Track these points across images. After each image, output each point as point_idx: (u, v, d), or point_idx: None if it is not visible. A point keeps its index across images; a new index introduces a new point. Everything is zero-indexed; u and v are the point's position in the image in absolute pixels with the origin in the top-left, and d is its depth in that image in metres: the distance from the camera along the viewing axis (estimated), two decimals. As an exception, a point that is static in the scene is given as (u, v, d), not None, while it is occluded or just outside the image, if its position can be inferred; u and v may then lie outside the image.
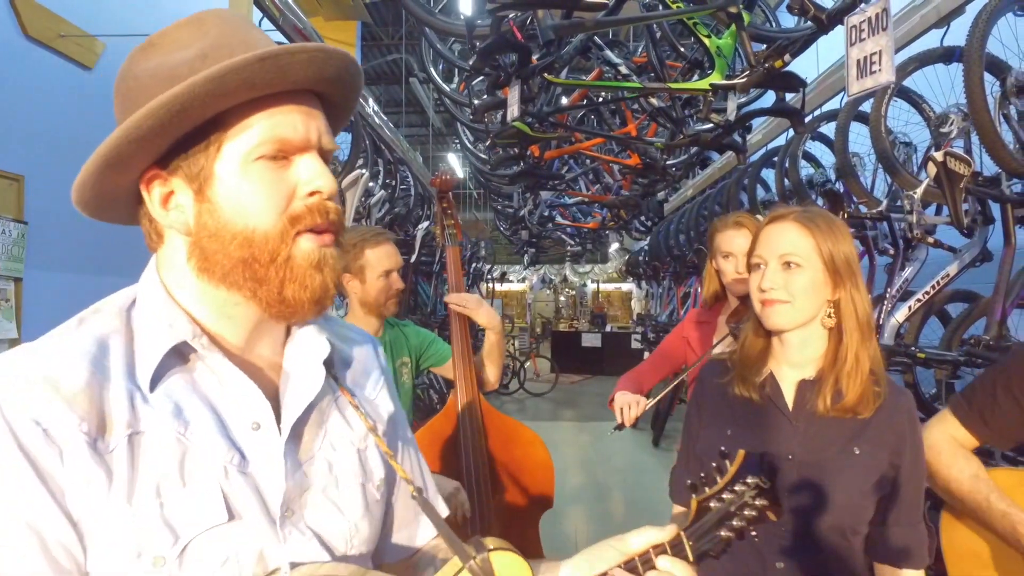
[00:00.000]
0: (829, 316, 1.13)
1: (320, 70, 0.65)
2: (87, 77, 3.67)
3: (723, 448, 0.78)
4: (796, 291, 1.11)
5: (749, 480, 0.75)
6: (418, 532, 0.86)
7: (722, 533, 0.73)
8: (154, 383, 0.63)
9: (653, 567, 0.71)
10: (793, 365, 1.18)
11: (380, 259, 1.91)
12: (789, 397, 1.17)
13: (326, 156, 0.69)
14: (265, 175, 0.64)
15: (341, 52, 0.66)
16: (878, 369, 1.13)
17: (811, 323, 1.15)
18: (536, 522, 2.02)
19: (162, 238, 0.69)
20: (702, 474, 0.78)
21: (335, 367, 0.77)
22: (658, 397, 2.13)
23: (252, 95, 0.62)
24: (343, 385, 0.77)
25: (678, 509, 1.29)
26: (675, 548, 0.71)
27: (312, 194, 0.65)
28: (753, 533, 0.74)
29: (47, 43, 3.09)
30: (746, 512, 0.73)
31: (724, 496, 0.74)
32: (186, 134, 0.63)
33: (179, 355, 0.65)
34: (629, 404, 1.98)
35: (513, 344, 13.26)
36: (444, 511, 0.87)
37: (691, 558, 0.71)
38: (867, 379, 1.10)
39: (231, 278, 0.65)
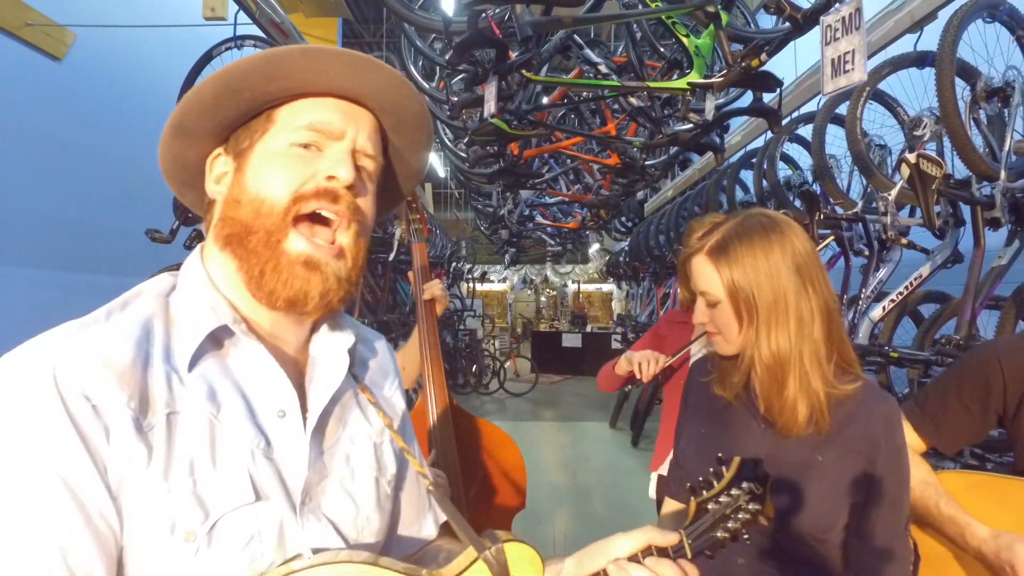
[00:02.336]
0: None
1: (361, 78, 0.70)
2: (57, 68, 3.58)
3: (720, 455, 0.81)
4: (720, 325, 1.11)
5: (744, 485, 0.79)
6: (423, 529, 0.88)
7: (718, 534, 0.77)
8: (192, 365, 0.65)
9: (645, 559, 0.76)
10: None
11: None
12: (762, 399, 1.15)
13: (364, 162, 0.73)
14: (292, 157, 0.69)
15: (385, 66, 0.71)
16: (833, 390, 1.06)
17: (748, 353, 1.11)
18: (509, 523, 2.01)
19: (212, 214, 0.73)
20: (700, 477, 0.81)
21: (355, 364, 0.80)
22: (678, 355, 2.03)
23: (294, 84, 0.69)
24: (362, 382, 0.81)
25: (669, 505, 1.28)
26: (675, 547, 0.75)
27: (330, 179, 0.69)
28: (746, 536, 0.77)
29: (13, 32, 3.00)
30: (740, 515, 0.77)
31: (721, 499, 0.78)
32: (243, 118, 0.70)
33: (215, 340, 0.68)
34: (648, 360, 1.91)
35: (493, 344, 13.25)
36: (443, 516, 0.90)
37: (689, 555, 0.75)
38: (817, 404, 1.05)
39: (230, 242, 0.69)
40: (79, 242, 3.93)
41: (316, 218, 0.69)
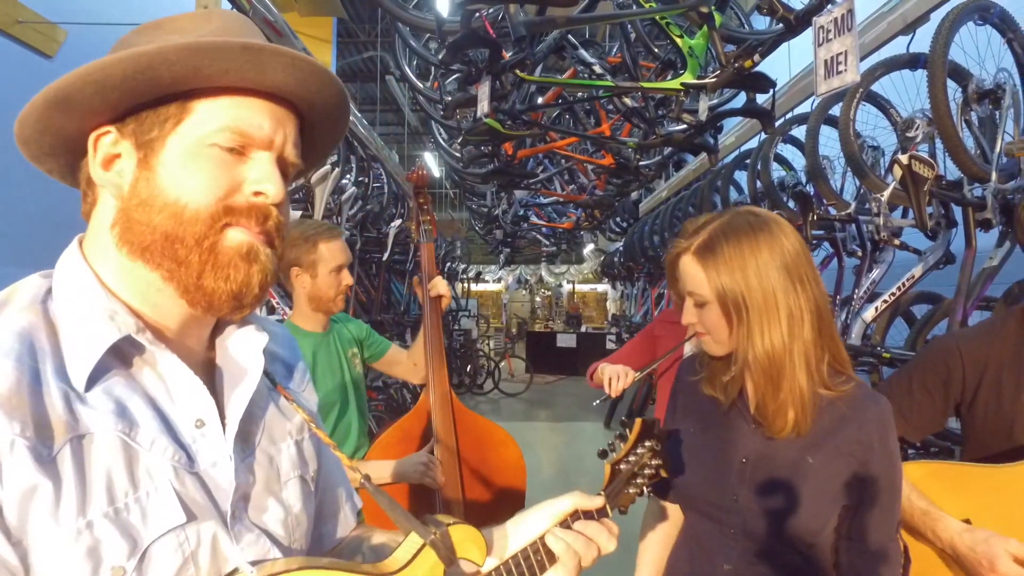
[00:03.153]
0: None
1: (300, 80, 0.64)
2: (48, 66, 3.56)
3: (624, 419, 0.91)
4: (709, 326, 1.09)
5: (647, 444, 0.89)
6: (339, 523, 0.86)
7: (631, 491, 0.87)
8: (91, 382, 0.58)
9: (574, 524, 0.80)
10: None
11: (334, 254, 1.88)
12: (752, 401, 1.15)
13: (286, 167, 0.67)
14: (214, 160, 0.61)
15: (326, 71, 0.65)
16: (826, 391, 1.06)
17: (738, 355, 1.11)
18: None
19: (95, 201, 0.65)
20: (609, 442, 0.89)
21: (267, 361, 0.73)
22: (647, 370, 2.10)
23: (225, 82, 0.61)
24: (275, 378, 0.75)
25: (656, 504, 1.29)
26: (599, 510, 0.82)
27: (257, 194, 0.63)
28: (649, 491, 0.89)
29: (3, 29, 2.98)
30: (646, 471, 0.87)
31: (630, 459, 0.88)
32: (150, 101, 0.61)
33: (116, 351, 0.60)
34: (618, 375, 1.96)
35: (488, 344, 13.24)
36: (359, 501, 0.90)
37: (609, 513, 0.83)
38: (802, 405, 1.04)
39: (149, 253, 0.61)
40: (67, 242, 3.90)
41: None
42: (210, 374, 0.69)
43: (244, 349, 0.70)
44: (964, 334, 1.38)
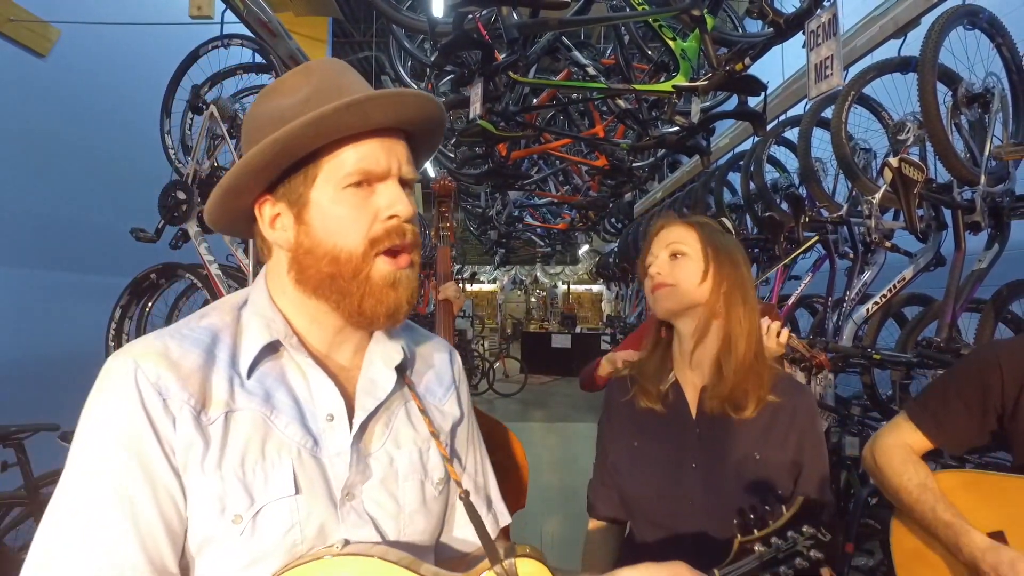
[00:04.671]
0: (718, 314, 1.19)
1: (398, 112, 0.76)
2: (41, 65, 3.54)
3: (780, 492, 0.78)
4: (679, 276, 1.18)
5: (805, 529, 0.70)
6: (473, 533, 0.90)
7: None
8: (251, 371, 0.75)
9: None
10: (694, 368, 1.21)
11: None
12: (692, 403, 1.20)
13: (408, 184, 0.80)
14: (351, 201, 0.75)
15: (418, 95, 0.77)
16: (770, 375, 1.18)
17: (701, 315, 1.18)
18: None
19: (271, 251, 0.81)
20: (751, 515, 0.75)
21: (410, 372, 0.88)
22: None
23: (341, 135, 0.74)
24: (414, 390, 0.87)
25: (594, 524, 1.31)
26: None
27: (391, 218, 0.76)
28: None
29: (-4, 28, 2.96)
30: (797, 561, 0.69)
31: (773, 540, 0.71)
32: (290, 166, 0.76)
33: (273, 350, 0.78)
34: (630, 360, 1.92)
35: (483, 344, 13.24)
36: (506, 518, 0.97)
37: None
38: (760, 382, 1.15)
39: (320, 290, 0.77)
40: (63, 241, 3.89)
41: (393, 251, 0.77)
42: (354, 379, 0.82)
43: (382, 362, 0.83)
44: (1005, 344, 1.32)
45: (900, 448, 1.30)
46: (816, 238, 3.31)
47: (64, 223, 3.87)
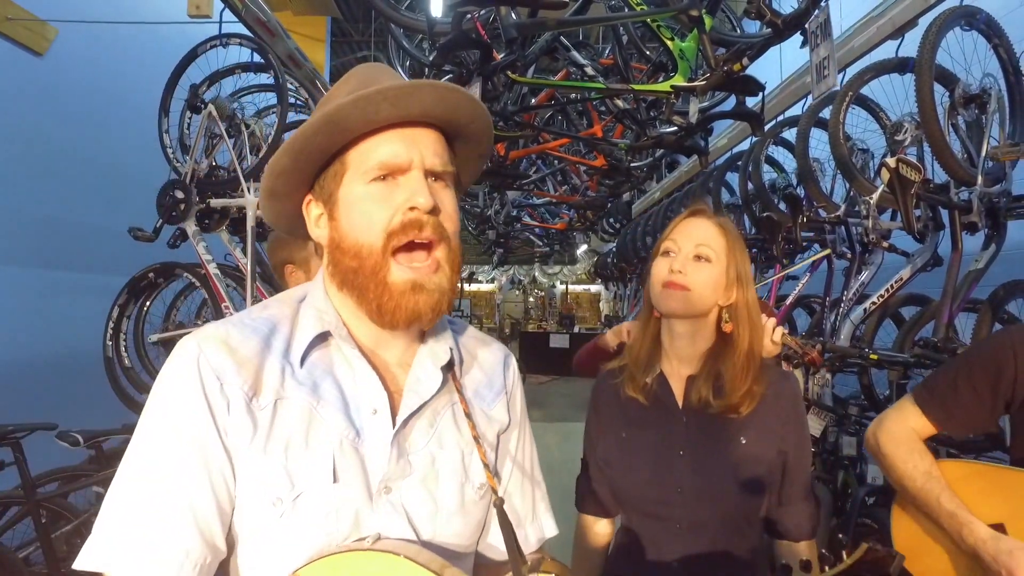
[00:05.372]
0: (726, 321, 1.19)
1: (409, 104, 0.75)
2: (38, 64, 3.53)
3: (840, 536, 0.75)
4: (696, 281, 1.16)
5: None
6: (523, 538, 0.91)
7: None
8: (303, 361, 0.77)
9: None
10: (682, 360, 1.22)
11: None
12: (678, 394, 1.21)
13: (439, 176, 0.79)
14: (375, 195, 0.75)
15: (437, 85, 0.76)
16: (760, 371, 1.18)
17: (702, 318, 1.19)
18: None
19: (323, 251, 0.83)
20: (823, 550, 0.70)
21: (460, 375, 0.87)
22: None
23: (357, 131, 0.76)
24: (462, 392, 0.86)
25: (585, 519, 1.33)
26: None
27: (411, 209, 0.75)
28: None
29: (-7, 27, 2.96)
30: None
31: None
32: (323, 165, 0.79)
33: (323, 341, 0.79)
34: (627, 329, 1.89)
35: (481, 344, 13.21)
36: (552, 530, 0.98)
37: None
38: (754, 377, 1.16)
39: (346, 285, 0.78)
40: (61, 240, 3.88)
41: (412, 245, 0.76)
42: (402, 376, 0.82)
43: (430, 362, 0.83)
44: (1020, 331, 1.30)
45: (906, 434, 1.30)
46: (814, 238, 3.32)
47: (61, 222, 3.86)
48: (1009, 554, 1.10)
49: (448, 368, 0.84)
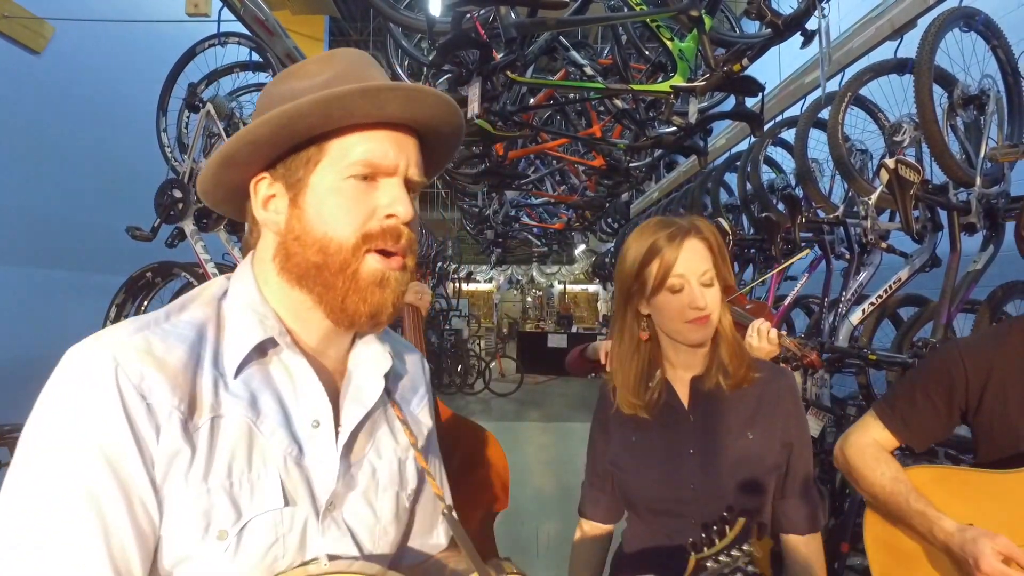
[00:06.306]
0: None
1: (413, 108, 0.72)
2: (35, 62, 3.52)
3: (725, 514, 0.86)
4: (713, 307, 1.18)
5: (745, 547, 0.82)
6: (431, 541, 0.90)
7: None
8: (237, 372, 0.69)
9: None
10: (686, 366, 1.24)
11: None
12: (684, 396, 1.24)
13: (413, 187, 0.75)
14: (351, 192, 0.71)
15: (439, 95, 0.74)
16: (748, 355, 1.24)
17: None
18: (491, 523, 2.01)
19: (260, 235, 0.76)
20: (703, 534, 0.85)
21: (389, 380, 0.83)
22: None
23: (351, 121, 0.71)
24: (393, 398, 0.84)
25: (588, 525, 1.34)
26: None
27: (389, 216, 0.71)
28: None
29: (-10, 25, 2.94)
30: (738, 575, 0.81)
31: (720, 558, 0.82)
32: (293, 147, 0.72)
33: (260, 350, 0.71)
34: (606, 351, 1.94)
35: (479, 344, 13.24)
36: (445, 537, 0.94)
37: None
38: (743, 352, 1.22)
39: (304, 280, 0.72)
40: (59, 239, 3.87)
41: (385, 253, 0.73)
42: (339, 384, 0.78)
43: (370, 369, 0.79)
44: (967, 342, 1.37)
45: (870, 446, 1.35)
46: (813, 238, 3.32)
47: (59, 221, 3.85)
48: (973, 541, 1.13)
49: (387, 375, 0.80)
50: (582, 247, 15.95)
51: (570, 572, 1.35)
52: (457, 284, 12.60)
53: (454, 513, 0.81)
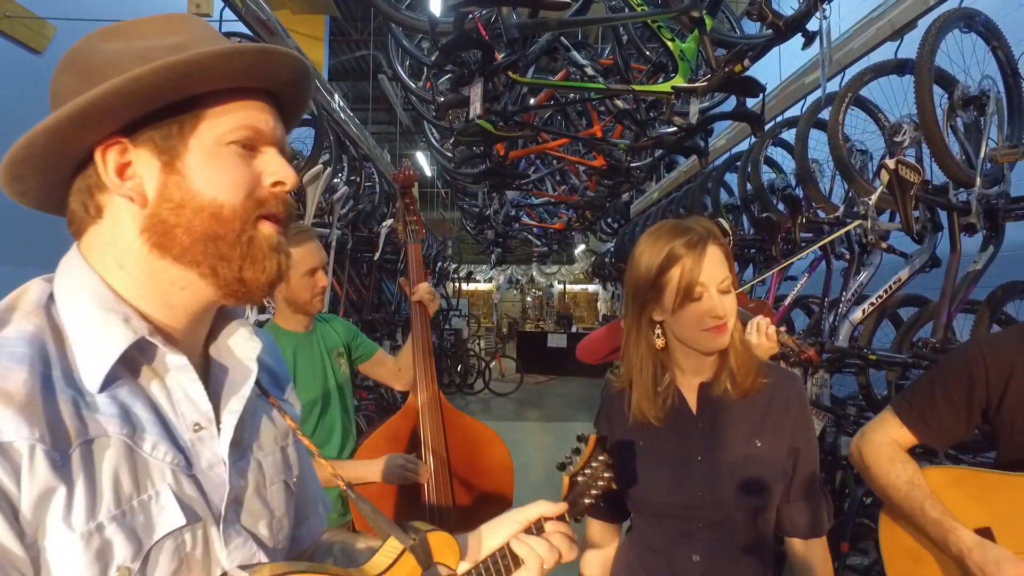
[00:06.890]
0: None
1: (298, 76, 0.69)
2: (37, 62, 3.52)
3: (580, 434, 0.99)
4: (731, 314, 1.18)
5: (600, 458, 0.96)
6: (312, 526, 0.88)
7: (586, 501, 0.94)
8: (103, 387, 0.59)
9: (543, 529, 0.86)
10: (696, 372, 1.24)
11: (304, 257, 1.86)
12: (692, 402, 1.23)
13: (286, 157, 0.71)
14: (235, 158, 0.65)
15: (291, 54, 0.68)
16: (756, 358, 1.24)
17: None
18: (496, 521, 2.02)
19: (100, 215, 0.65)
20: (567, 455, 0.98)
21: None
22: None
23: (246, 82, 0.65)
24: (263, 384, 0.77)
25: (597, 524, 1.36)
26: (560, 517, 0.88)
27: (276, 184, 0.67)
28: (601, 503, 0.97)
29: (-8, 24, 2.95)
30: (600, 483, 0.95)
31: (585, 471, 0.96)
32: (159, 108, 0.62)
33: (122, 355, 0.61)
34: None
35: (479, 344, 13.25)
36: (328, 507, 0.93)
37: (568, 520, 0.89)
38: (753, 358, 1.22)
39: (190, 252, 0.63)
40: (58, 239, 3.87)
41: (272, 218, 0.68)
42: (205, 377, 0.69)
43: (240, 356, 0.72)
44: (989, 339, 1.34)
45: (888, 445, 1.32)
46: (813, 239, 3.33)
47: (59, 221, 3.85)
48: (996, 564, 1.09)
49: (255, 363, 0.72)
50: (582, 247, 15.96)
51: (582, 572, 1.35)
52: (457, 284, 12.60)
53: (353, 490, 0.78)
